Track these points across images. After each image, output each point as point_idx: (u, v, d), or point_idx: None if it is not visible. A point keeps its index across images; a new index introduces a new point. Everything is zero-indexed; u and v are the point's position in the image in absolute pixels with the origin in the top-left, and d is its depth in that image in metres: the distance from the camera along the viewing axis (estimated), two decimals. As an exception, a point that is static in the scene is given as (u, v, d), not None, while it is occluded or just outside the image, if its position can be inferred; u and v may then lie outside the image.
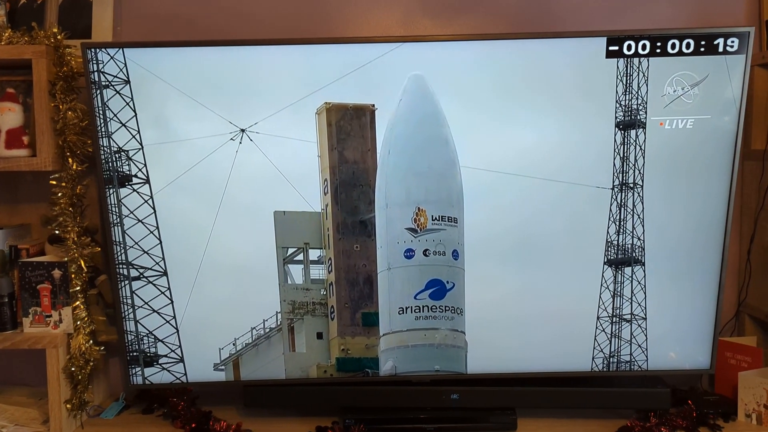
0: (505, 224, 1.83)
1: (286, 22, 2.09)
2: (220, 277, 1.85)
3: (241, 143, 1.76)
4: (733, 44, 1.71)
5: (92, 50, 1.71)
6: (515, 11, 2.11)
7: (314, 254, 1.85)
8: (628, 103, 1.74)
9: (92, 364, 1.92)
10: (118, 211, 1.80)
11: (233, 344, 1.90)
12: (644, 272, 1.86)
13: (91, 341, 1.91)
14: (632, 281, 1.86)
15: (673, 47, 1.71)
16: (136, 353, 1.90)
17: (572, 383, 1.94)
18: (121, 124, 1.75)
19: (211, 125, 1.75)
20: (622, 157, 1.78)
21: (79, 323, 1.89)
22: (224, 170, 1.78)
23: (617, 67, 1.72)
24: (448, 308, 1.85)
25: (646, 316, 1.88)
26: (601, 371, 1.91)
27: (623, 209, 1.81)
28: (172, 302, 1.86)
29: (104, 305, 2.02)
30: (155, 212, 1.81)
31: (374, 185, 1.80)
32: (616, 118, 1.76)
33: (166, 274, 1.85)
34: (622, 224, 1.82)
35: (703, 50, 1.71)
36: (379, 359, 1.88)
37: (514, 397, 1.93)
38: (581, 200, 1.80)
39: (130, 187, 1.79)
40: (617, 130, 1.76)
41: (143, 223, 1.81)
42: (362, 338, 1.88)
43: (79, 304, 1.89)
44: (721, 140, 1.78)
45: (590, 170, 1.79)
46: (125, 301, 1.86)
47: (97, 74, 1.72)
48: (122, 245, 1.82)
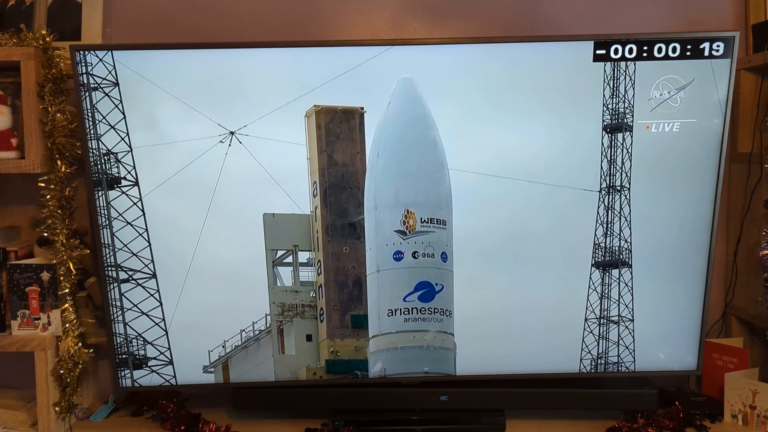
0: (493, 227, 1.84)
1: (275, 24, 2.09)
2: (209, 279, 1.85)
3: (230, 146, 1.76)
4: (718, 48, 1.73)
5: (81, 52, 1.71)
6: (504, 15, 2.12)
7: (303, 256, 1.86)
8: (615, 106, 1.76)
9: (81, 366, 1.92)
10: (107, 213, 1.80)
11: (222, 346, 1.90)
12: (631, 274, 1.87)
13: (79, 344, 1.91)
14: (620, 283, 1.87)
15: (659, 51, 1.73)
16: (125, 356, 1.90)
17: (560, 384, 1.95)
18: (110, 126, 1.75)
19: (200, 128, 1.75)
20: (609, 160, 1.79)
21: (67, 326, 1.89)
22: (213, 173, 1.78)
23: (604, 70, 1.74)
24: (437, 310, 1.86)
25: (633, 317, 1.90)
26: (588, 372, 1.92)
27: (611, 212, 1.82)
28: (161, 304, 1.86)
29: (93, 308, 2.01)
30: (144, 214, 1.81)
31: (363, 188, 1.81)
32: (603, 121, 1.77)
33: (155, 276, 1.84)
34: (609, 226, 1.83)
35: (689, 54, 1.73)
36: (368, 361, 1.89)
37: (502, 398, 1.95)
38: (569, 203, 1.82)
39: (119, 189, 1.79)
40: (604, 133, 1.78)
41: (132, 225, 1.81)
42: (351, 340, 1.88)
43: (67, 306, 1.88)
44: (707, 143, 1.80)
45: (578, 173, 1.81)
46: (114, 303, 1.86)
47: (85, 76, 1.72)
48: (111, 247, 1.82)
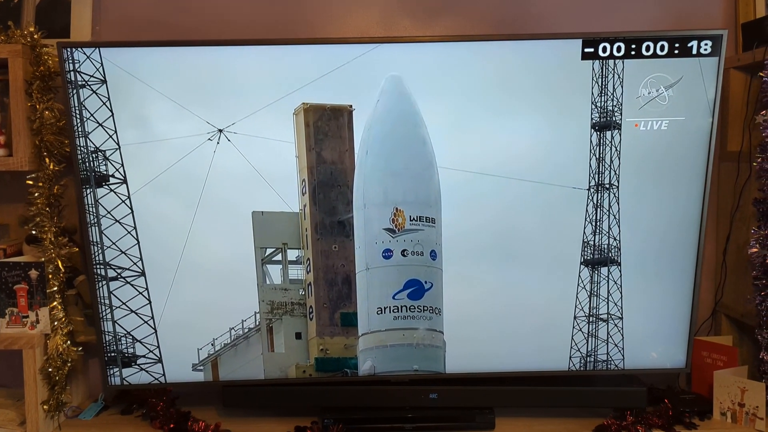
0: (483, 225, 1.84)
1: (266, 23, 2.09)
2: (198, 277, 1.85)
3: (218, 143, 1.76)
4: (706, 47, 1.73)
5: (68, 49, 1.70)
6: (495, 13, 2.12)
7: (293, 254, 1.86)
8: (603, 104, 1.76)
9: (70, 364, 1.92)
10: (95, 211, 1.80)
11: (212, 344, 1.90)
12: (620, 272, 1.87)
13: (68, 342, 1.91)
14: (608, 281, 1.87)
15: (647, 49, 1.73)
16: (113, 354, 1.89)
17: (550, 382, 1.96)
18: (97, 123, 1.75)
19: (188, 125, 1.75)
20: (597, 157, 1.80)
21: (56, 324, 1.88)
22: (202, 170, 1.78)
23: (593, 68, 1.74)
24: (426, 308, 1.86)
25: (622, 315, 1.90)
26: (578, 370, 1.93)
27: (599, 210, 1.83)
28: (150, 303, 1.86)
29: (83, 306, 2.01)
30: (133, 212, 1.80)
31: (352, 186, 1.80)
32: (591, 119, 1.77)
33: (143, 274, 1.84)
34: (598, 224, 1.83)
35: (677, 52, 1.73)
36: (358, 359, 1.89)
37: (492, 396, 1.95)
38: (558, 200, 1.82)
39: (107, 187, 1.79)
40: (593, 131, 1.78)
41: (120, 223, 1.81)
42: (341, 338, 1.88)
43: (56, 304, 1.88)
44: (695, 141, 1.80)
45: (566, 171, 1.81)
46: (103, 301, 1.85)
47: (73, 74, 1.72)
48: (100, 245, 1.82)
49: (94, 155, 1.76)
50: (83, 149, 1.76)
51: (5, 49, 1.76)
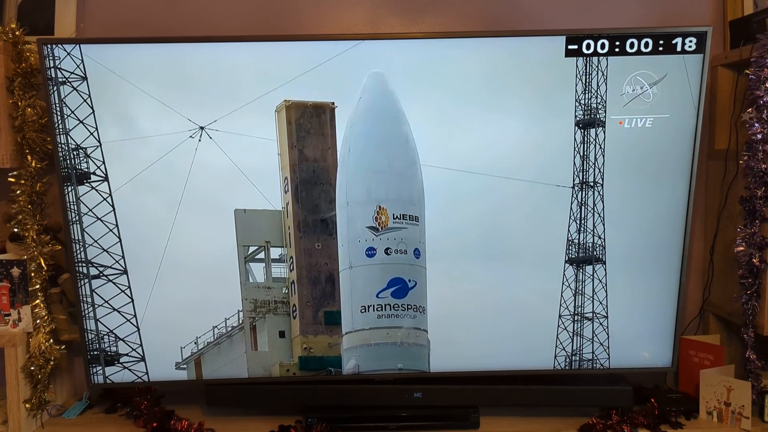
0: (466, 223, 1.83)
1: (252, 22, 2.07)
2: (180, 275, 1.84)
3: (200, 141, 1.75)
4: (691, 44, 1.72)
5: (48, 46, 1.69)
6: (483, 10, 2.11)
7: (275, 252, 1.85)
8: (587, 101, 1.75)
9: (53, 363, 1.91)
10: (76, 208, 1.79)
11: (195, 343, 1.89)
12: (605, 270, 1.86)
13: (51, 340, 1.90)
14: (593, 279, 1.86)
15: (631, 46, 1.72)
16: (96, 352, 1.88)
17: (535, 381, 1.95)
18: (78, 121, 1.74)
19: (170, 123, 1.74)
20: (582, 155, 1.78)
21: (38, 322, 1.88)
22: (184, 168, 1.77)
23: (576, 65, 1.73)
24: (410, 307, 1.85)
25: (607, 314, 1.89)
26: (563, 369, 1.92)
27: (584, 208, 1.81)
28: (132, 301, 1.85)
29: (68, 304, 2.00)
30: (114, 210, 1.80)
31: (335, 183, 1.79)
32: (575, 116, 1.76)
33: (126, 272, 1.83)
34: (582, 223, 1.82)
35: (661, 50, 1.72)
36: (341, 358, 1.88)
37: (477, 395, 1.94)
38: (542, 199, 1.81)
39: (88, 184, 1.78)
40: (577, 128, 1.77)
41: (102, 221, 1.80)
42: (325, 337, 1.87)
43: (38, 302, 1.87)
44: (680, 139, 1.79)
45: (551, 168, 1.80)
46: (85, 299, 1.84)
47: (53, 70, 1.71)
48: (81, 243, 1.81)
49: (75, 152, 1.76)
50: (64, 146, 1.75)
51: (-14, 45, 1.75)
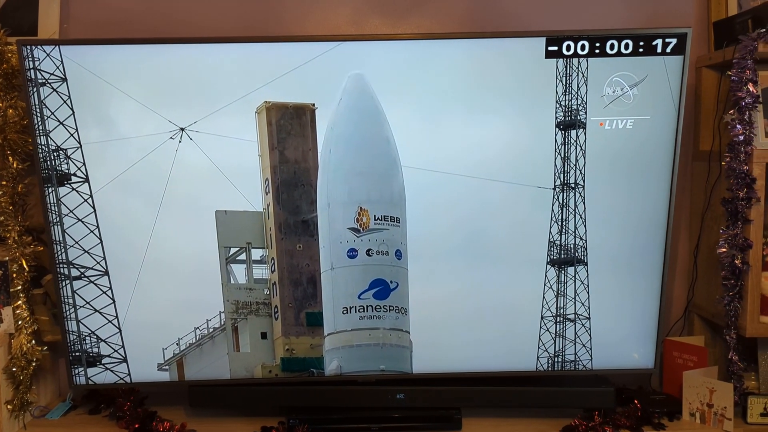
0: (448, 224, 1.83)
1: (235, 24, 2.07)
2: (162, 276, 1.84)
3: (180, 142, 1.75)
4: (672, 45, 1.72)
5: (28, 47, 1.69)
6: (467, 12, 2.11)
7: (257, 254, 1.85)
8: (568, 103, 1.75)
9: (35, 364, 1.91)
10: (57, 210, 1.79)
11: (177, 344, 1.89)
12: (587, 272, 1.86)
13: (33, 341, 1.89)
14: (575, 281, 1.86)
15: (611, 48, 1.72)
16: (78, 353, 1.88)
17: (517, 382, 1.95)
18: (58, 122, 1.74)
19: (150, 124, 1.74)
20: (563, 157, 1.78)
21: (20, 323, 1.88)
22: (164, 169, 1.77)
23: (557, 67, 1.73)
24: (392, 308, 1.85)
25: (589, 315, 1.89)
26: (545, 371, 1.92)
27: (565, 209, 1.81)
28: (114, 302, 1.85)
29: (51, 305, 2.00)
30: (95, 211, 1.79)
31: (316, 185, 1.79)
32: (556, 118, 1.76)
33: (107, 273, 1.83)
34: (564, 224, 1.82)
35: (641, 51, 1.72)
36: (324, 359, 1.88)
37: (459, 396, 1.93)
38: (523, 200, 1.81)
39: (69, 185, 1.78)
40: (558, 130, 1.77)
41: (83, 222, 1.80)
42: (307, 338, 1.87)
43: (20, 303, 1.87)
44: (661, 140, 1.79)
45: (532, 170, 1.80)
46: (67, 300, 1.84)
47: (33, 71, 1.71)
48: (63, 244, 1.81)
49: (55, 154, 1.75)
50: (44, 148, 1.75)
51: (-33, 47, 1.75)
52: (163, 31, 2.04)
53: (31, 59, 1.70)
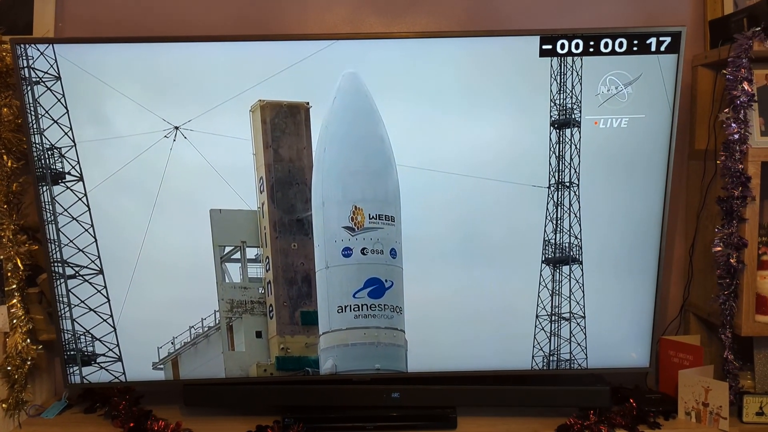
0: (443, 223, 1.83)
1: (232, 22, 2.07)
2: (157, 275, 1.84)
3: (175, 141, 1.74)
4: (666, 44, 1.72)
5: (22, 46, 1.69)
6: (462, 10, 2.11)
7: (251, 252, 1.85)
8: (562, 102, 1.75)
9: (30, 363, 1.91)
10: (51, 208, 1.79)
11: (171, 343, 1.89)
12: (582, 271, 1.86)
13: (28, 340, 1.89)
14: (570, 280, 1.86)
15: (606, 46, 1.72)
16: (73, 352, 1.88)
17: (513, 381, 1.94)
18: (53, 120, 1.74)
19: (144, 122, 1.74)
20: (557, 155, 1.78)
21: (15, 322, 1.87)
22: (159, 168, 1.77)
23: (551, 65, 1.73)
24: (387, 307, 1.85)
25: (584, 314, 1.89)
26: (541, 370, 1.92)
27: (560, 208, 1.81)
28: (108, 301, 1.85)
29: (47, 304, 2.00)
30: (90, 210, 1.79)
31: (310, 183, 1.79)
32: (551, 116, 1.76)
33: (102, 272, 1.83)
34: (559, 223, 1.82)
35: (636, 49, 1.72)
36: (319, 358, 1.88)
37: (454, 395, 1.93)
38: (518, 199, 1.81)
39: (63, 184, 1.78)
40: (552, 128, 1.77)
41: (77, 220, 1.80)
42: (302, 337, 1.87)
43: (15, 302, 1.87)
44: (656, 139, 1.79)
45: (526, 169, 1.80)
46: (61, 299, 1.84)
47: (27, 70, 1.71)
48: (57, 243, 1.81)
49: (49, 152, 1.75)
50: (38, 146, 1.75)
51: (-38, 45, 1.75)
52: (157, 29, 2.04)
53: (24, 58, 1.70)
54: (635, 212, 1.84)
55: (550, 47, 1.71)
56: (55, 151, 1.75)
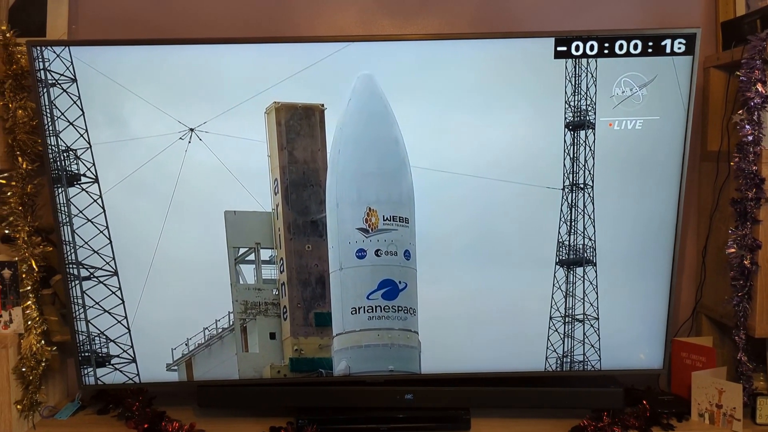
0: (457, 225, 1.83)
1: (244, 22, 2.08)
2: (171, 277, 1.84)
3: (190, 142, 1.75)
4: (680, 45, 1.72)
5: (38, 48, 1.70)
6: (475, 12, 2.11)
7: (266, 254, 1.85)
8: (577, 103, 1.75)
9: (44, 364, 1.91)
10: (67, 210, 1.79)
11: (186, 344, 1.89)
12: (596, 272, 1.86)
13: (42, 341, 1.90)
14: (584, 281, 1.86)
15: (620, 48, 1.72)
16: (88, 354, 1.88)
17: (526, 383, 1.94)
18: (68, 122, 1.74)
19: (159, 124, 1.74)
20: (572, 157, 1.78)
21: (30, 323, 1.88)
22: (174, 170, 1.77)
23: (566, 67, 1.73)
24: (400, 308, 1.85)
25: (598, 316, 1.89)
26: (554, 371, 1.92)
27: (574, 209, 1.81)
28: (123, 302, 1.85)
29: (60, 305, 2.00)
30: (105, 211, 1.80)
31: (325, 185, 1.80)
32: (565, 118, 1.76)
33: (116, 273, 1.84)
34: (573, 224, 1.82)
35: (650, 51, 1.72)
36: (332, 359, 1.88)
37: (468, 396, 1.93)
38: (532, 200, 1.81)
39: (78, 186, 1.78)
40: (567, 130, 1.77)
41: (92, 222, 1.80)
42: (315, 338, 1.87)
43: (30, 304, 1.88)
44: (670, 141, 1.79)
45: (541, 171, 1.80)
46: (76, 301, 1.85)
47: (43, 72, 1.71)
48: (72, 245, 1.81)
49: (65, 154, 1.76)
50: (54, 148, 1.75)
51: (-23, 48, 1.76)
52: (170, 31, 2.04)
53: (41, 60, 1.70)
54: (649, 214, 1.84)
55: (564, 49, 1.71)
56: (70, 152, 1.75)
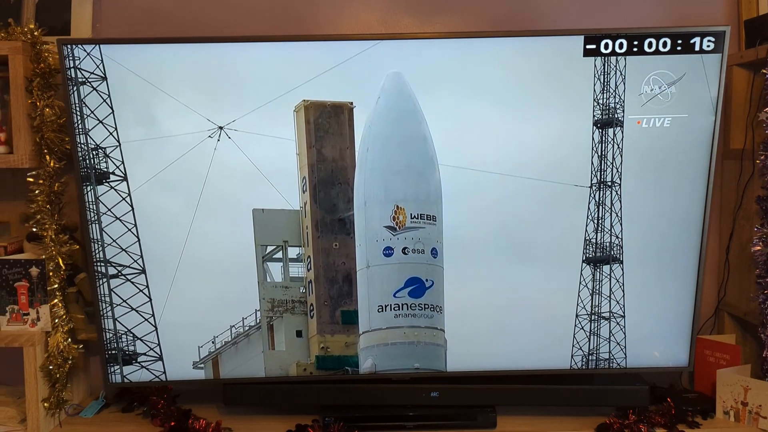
0: (484, 222, 1.83)
1: (268, 18, 2.09)
2: (198, 275, 1.85)
3: (219, 141, 1.75)
4: (709, 43, 1.72)
5: (68, 46, 1.70)
6: (497, 9, 2.11)
7: (293, 252, 1.85)
8: (605, 101, 1.75)
9: (71, 362, 1.91)
10: (95, 208, 1.79)
11: (212, 342, 1.89)
12: (622, 270, 1.86)
13: (69, 339, 1.90)
14: (611, 279, 1.86)
15: (650, 46, 1.72)
16: (114, 351, 1.89)
17: (551, 381, 1.95)
18: (98, 120, 1.74)
19: (188, 122, 1.74)
20: (600, 155, 1.79)
21: (57, 321, 1.88)
22: (202, 168, 1.77)
23: (595, 65, 1.73)
24: (427, 306, 1.85)
25: (624, 314, 1.89)
26: (579, 369, 1.92)
27: (601, 207, 1.82)
28: (150, 300, 1.86)
29: (84, 303, 2.01)
30: (133, 210, 1.80)
31: (353, 183, 1.80)
32: (593, 116, 1.76)
33: (144, 272, 1.84)
34: (600, 222, 1.82)
35: (679, 49, 1.72)
36: (358, 357, 1.88)
37: (493, 394, 1.94)
38: (560, 198, 1.81)
39: (107, 184, 1.78)
40: (595, 128, 1.77)
41: (121, 220, 1.80)
42: (342, 336, 1.88)
43: (57, 302, 1.88)
44: (698, 139, 1.79)
45: (568, 168, 1.80)
46: (103, 299, 1.85)
47: (73, 71, 1.71)
48: (100, 243, 1.82)
49: (94, 152, 1.76)
50: (83, 146, 1.76)
51: (5, 46, 1.75)
52: (194, 28, 2.05)
53: (71, 58, 1.70)
54: (676, 212, 1.84)
55: (594, 47, 1.71)
56: (99, 151, 1.76)
